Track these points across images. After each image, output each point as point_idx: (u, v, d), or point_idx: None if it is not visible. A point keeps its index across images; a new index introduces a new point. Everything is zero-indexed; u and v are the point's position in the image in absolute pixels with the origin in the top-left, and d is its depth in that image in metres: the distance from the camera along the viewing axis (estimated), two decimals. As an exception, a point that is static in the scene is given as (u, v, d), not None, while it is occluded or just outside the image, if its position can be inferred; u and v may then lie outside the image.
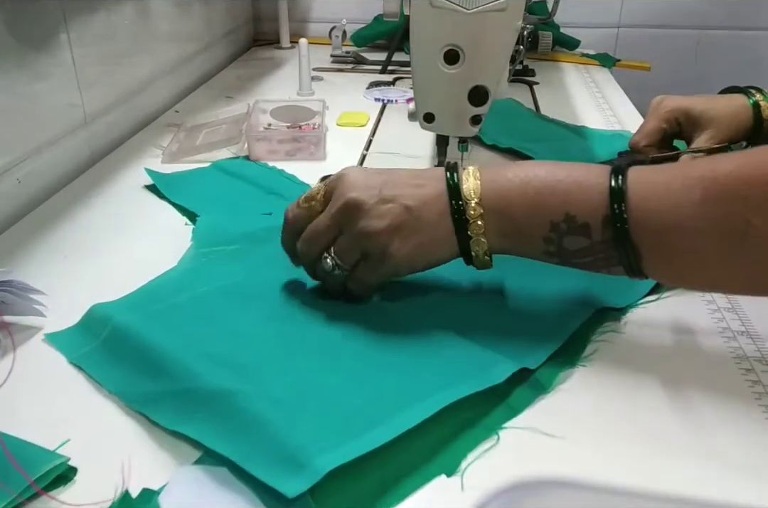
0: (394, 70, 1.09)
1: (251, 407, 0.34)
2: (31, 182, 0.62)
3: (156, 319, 0.41)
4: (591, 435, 0.37)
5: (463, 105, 0.55)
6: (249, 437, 0.33)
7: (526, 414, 0.38)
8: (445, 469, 0.34)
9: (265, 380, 0.37)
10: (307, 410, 0.35)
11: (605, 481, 0.33)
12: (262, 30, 1.32)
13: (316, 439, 0.33)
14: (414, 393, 0.36)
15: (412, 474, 0.33)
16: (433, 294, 0.46)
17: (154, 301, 0.44)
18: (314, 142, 0.73)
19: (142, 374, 0.38)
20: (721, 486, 0.33)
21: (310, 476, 0.31)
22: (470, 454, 0.35)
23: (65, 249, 0.54)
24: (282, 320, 0.43)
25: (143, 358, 0.39)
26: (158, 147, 0.75)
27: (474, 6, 0.51)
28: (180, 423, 0.35)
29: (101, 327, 0.42)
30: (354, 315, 0.43)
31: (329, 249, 0.43)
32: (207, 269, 0.49)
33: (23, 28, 0.60)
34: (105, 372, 0.39)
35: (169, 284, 0.47)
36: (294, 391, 0.36)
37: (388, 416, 0.34)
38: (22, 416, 0.37)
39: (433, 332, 0.42)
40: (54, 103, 0.65)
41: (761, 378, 0.40)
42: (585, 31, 1.25)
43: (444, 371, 0.38)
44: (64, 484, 0.33)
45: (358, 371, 0.38)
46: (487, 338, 0.42)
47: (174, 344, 0.39)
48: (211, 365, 0.37)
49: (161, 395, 0.37)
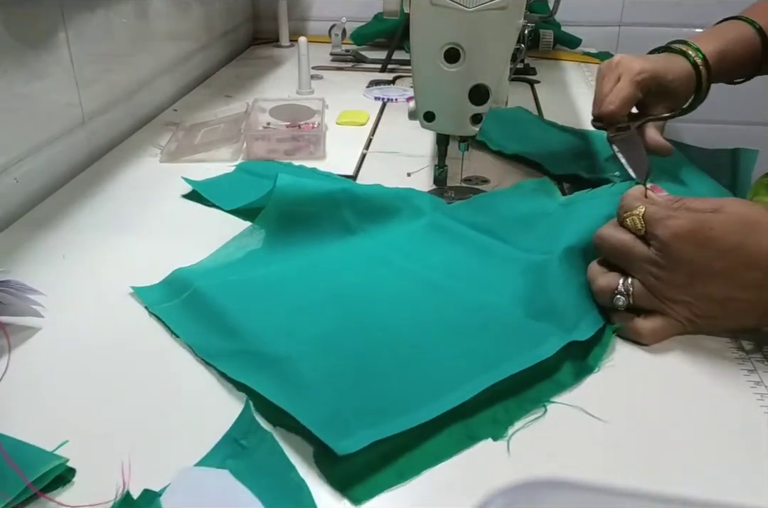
0: (394, 69, 1.08)
1: (310, 374, 0.38)
2: (29, 182, 0.62)
3: (234, 288, 0.46)
4: (591, 435, 0.37)
5: (464, 104, 0.55)
6: (304, 399, 0.36)
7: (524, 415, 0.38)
8: (493, 433, 0.36)
9: (326, 353, 0.40)
10: (362, 384, 0.37)
11: (605, 481, 0.33)
12: (261, 28, 1.31)
13: (365, 412, 0.35)
14: (465, 372, 0.38)
15: (459, 436, 0.36)
16: (485, 272, 0.49)
17: (232, 272, 0.49)
18: (313, 141, 0.73)
19: (216, 332, 0.42)
20: (721, 486, 0.33)
21: (359, 440, 0.33)
22: (517, 423, 0.37)
23: (63, 249, 0.54)
24: (344, 300, 0.46)
25: (219, 319, 0.43)
26: (157, 146, 0.75)
27: (475, 4, 0.50)
28: (244, 377, 0.38)
29: (184, 288, 0.46)
30: (407, 297, 0.46)
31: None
32: (281, 246, 0.52)
33: (21, 27, 0.59)
34: (182, 326, 0.44)
35: (247, 258, 0.51)
36: (355, 366, 0.39)
37: (436, 396, 0.36)
38: (20, 417, 0.37)
39: (486, 309, 0.44)
40: (52, 102, 0.65)
41: (763, 379, 0.40)
42: (586, 30, 1.25)
43: (494, 349, 0.40)
44: (62, 485, 0.33)
45: (413, 350, 0.41)
46: (536, 308, 0.44)
47: (247, 312, 0.43)
48: (278, 334, 0.41)
49: (231, 351, 0.40)
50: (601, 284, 0.44)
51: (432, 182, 0.64)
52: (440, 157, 0.61)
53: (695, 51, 0.63)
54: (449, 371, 0.38)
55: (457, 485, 0.33)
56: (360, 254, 0.51)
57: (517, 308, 0.44)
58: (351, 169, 0.70)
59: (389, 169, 0.70)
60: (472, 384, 0.37)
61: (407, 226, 0.55)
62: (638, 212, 0.42)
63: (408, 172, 0.69)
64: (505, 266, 0.49)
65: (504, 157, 0.73)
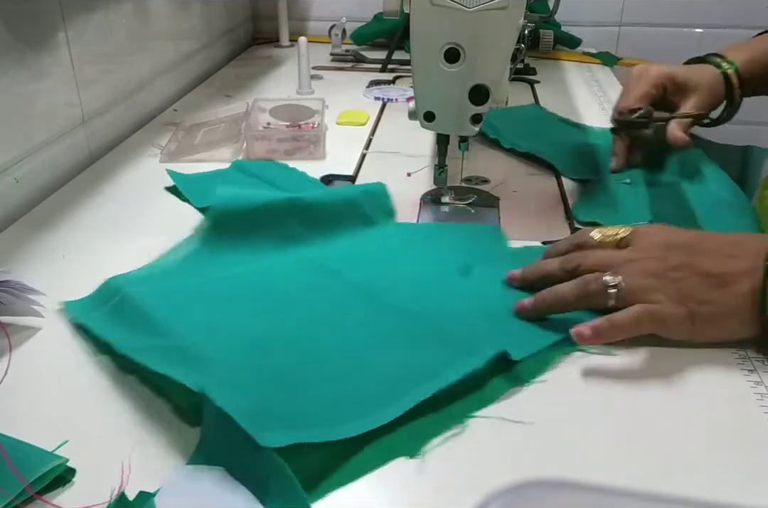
0: (394, 69, 1.08)
1: (236, 375, 0.37)
2: (29, 182, 0.62)
3: (165, 293, 0.45)
4: (591, 435, 0.37)
5: (464, 104, 0.55)
6: (229, 393, 0.35)
7: (524, 414, 0.38)
8: (410, 451, 0.35)
9: (254, 359, 0.39)
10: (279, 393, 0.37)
11: (605, 481, 0.33)
12: (261, 28, 1.31)
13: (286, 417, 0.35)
14: (393, 389, 0.37)
15: (375, 451, 0.35)
16: (433, 285, 0.47)
17: (165, 280, 0.47)
18: (314, 141, 0.73)
19: (141, 332, 0.41)
20: (721, 486, 0.33)
21: (281, 438, 0.32)
22: (435, 439, 0.36)
23: (63, 249, 0.54)
24: (278, 308, 0.44)
25: (145, 320, 0.41)
26: (157, 146, 0.75)
27: (475, 4, 0.50)
28: (169, 370, 0.37)
29: (112, 295, 0.45)
30: (343, 307, 0.45)
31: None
32: (219, 256, 0.51)
33: (21, 27, 0.59)
34: (104, 329, 0.42)
35: (182, 266, 0.50)
36: (282, 373, 0.38)
37: (361, 414, 0.36)
38: (20, 417, 0.37)
39: (423, 320, 0.43)
40: (52, 102, 0.65)
41: (763, 379, 0.40)
42: (586, 30, 1.25)
43: (427, 361, 0.39)
44: (62, 485, 0.33)
45: (344, 362, 0.40)
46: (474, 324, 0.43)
47: (177, 315, 0.42)
48: (207, 336, 0.40)
49: (155, 347, 0.39)
50: (590, 278, 0.43)
51: (432, 182, 0.64)
52: (440, 157, 0.61)
53: (728, 63, 0.64)
54: (377, 386, 0.38)
55: (457, 485, 0.33)
56: (300, 262, 0.50)
57: (455, 323, 0.43)
58: (351, 170, 0.70)
59: (389, 169, 0.70)
60: (398, 404, 0.36)
61: (352, 235, 0.54)
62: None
63: (408, 172, 0.69)
64: (445, 284, 0.48)
65: (504, 158, 0.73)
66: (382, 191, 0.59)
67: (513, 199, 0.64)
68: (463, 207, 0.63)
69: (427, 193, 0.65)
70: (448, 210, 0.63)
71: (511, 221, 0.60)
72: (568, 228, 0.59)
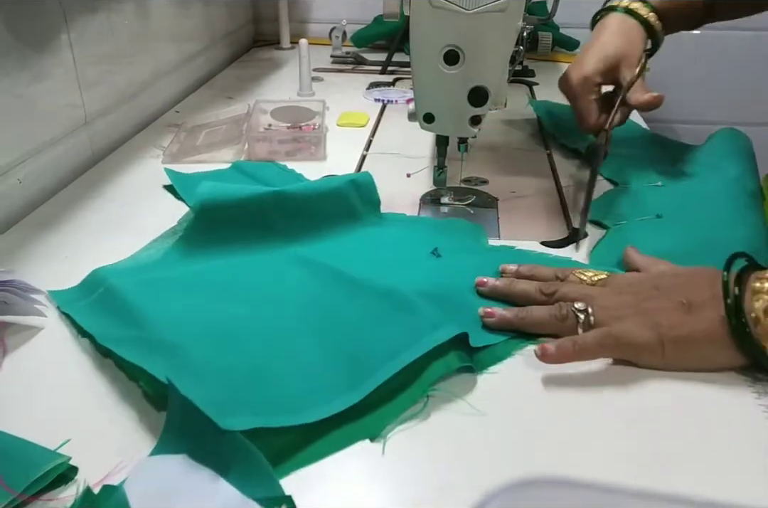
0: (394, 71, 1.09)
1: (203, 364, 0.38)
2: (31, 183, 0.62)
3: (146, 285, 0.46)
4: (591, 434, 0.37)
5: (463, 105, 0.55)
6: (193, 381, 0.36)
7: (524, 414, 0.38)
8: (370, 433, 0.36)
9: (223, 348, 0.40)
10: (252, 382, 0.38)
11: (605, 481, 0.33)
12: (262, 31, 1.32)
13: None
14: (357, 374, 0.38)
15: (336, 434, 0.36)
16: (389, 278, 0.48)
17: (148, 271, 0.49)
18: (314, 142, 0.73)
19: (118, 322, 0.42)
20: (721, 486, 0.34)
21: (243, 422, 0.33)
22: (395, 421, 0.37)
23: (66, 249, 0.55)
24: (254, 300, 0.46)
25: (124, 311, 0.43)
26: (159, 147, 0.75)
27: (474, 6, 0.51)
28: (138, 359, 0.38)
29: (97, 286, 0.46)
30: (317, 300, 0.46)
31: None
32: (202, 249, 0.52)
33: (24, 28, 0.60)
34: (87, 319, 0.44)
35: (166, 259, 0.51)
36: (250, 362, 0.39)
37: (325, 400, 0.37)
38: (22, 415, 0.38)
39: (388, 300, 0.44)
40: (54, 104, 0.66)
41: (761, 377, 0.41)
42: (585, 32, 1.24)
43: (391, 342, 0.40)
44: (65, 484, 0.33)
45: (312, 353, 0.41)
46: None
47: (153, 306, 0.43)
48: (178, 326, 0.41)
49: (129, 338, 0.41)
50: (563, 304, 0.43)
51: (431, 183, 0.65)
52: (440, 158, 0.62)
53: (645, 5, 0.65)
54: (340, 371, 0.39)
55: (457, 485, 0.33)
56: (279, 255, 0.51)
57: (419, 308, 0.44)
58: (351, 170, 0.70)
59: (389, 170, 0.70)
60: (361, 387, 0.37)
61: (334, 228, 0.55)
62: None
63: (408, 173, 0.69)
64: (414, 270, 0.49)
65: (504, 158, 0.73)
66: (368, 181, 0.58)
67: (512, 200, 0.64)
68: (462, 207, 0.63)
69: (426, 193, 0.65)
70: (448, 211, 0.63)
71: (510, 222, 0.61)
72: (566, 229, 0.59)
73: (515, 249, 0.55)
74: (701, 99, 1.33)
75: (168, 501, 0.31)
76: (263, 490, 0.31)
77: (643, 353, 0.40)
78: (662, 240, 0.53)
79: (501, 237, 0.58)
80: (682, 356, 0.40)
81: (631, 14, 0.67)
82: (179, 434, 0.34)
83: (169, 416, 0.35)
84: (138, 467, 0.33)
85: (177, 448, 0.34)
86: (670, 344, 0.40)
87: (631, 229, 0.56)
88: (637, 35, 0.66)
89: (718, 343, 0.39)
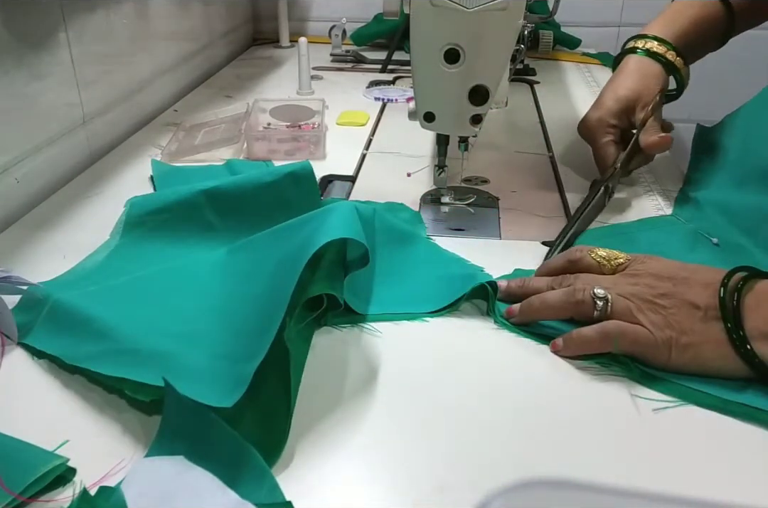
0: (394, 69, 1.08)
1: (190, 363, 0.39)
2: (29, 182, 0.62)
3: (95, 296, 0.45)
4: (591, 435, 0.37)
5: (464, 104, 0.55)
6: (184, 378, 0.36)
7: (524, 414, 0.38)
8: None
9: (198, 346, 0.41)
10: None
11: (606, 480, 0.33)
12: (261, 29, 1.31)
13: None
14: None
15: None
16: None
17: (90, 283, 0.48)
18: (314, 141, 0.73)
19: (83, 338, 0.41)
20: (722, 486, 0.33)
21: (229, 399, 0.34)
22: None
23: (64, 249, 0.54)
24: (206, 296, 0.46)
25: (85, 326, 0.42)
26: (157, 146, 0.75)
27: (474, 5, 0.50)
28: (122, 372, 0.37)
29: (41, 305, 0.44)
30: (266, 289, 0.45)
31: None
32: (140, 255, 0.52)
33: (22, 27, 0.60)
34: (46, 341, 0.42)
35: (101, 268, 0.51)
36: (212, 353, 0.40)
37: None
38: (20, 416, 0.37)
39: None
40: (53, 103, 0.65)
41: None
42: (586, 30, 1.25)
43: None
44: (63, 485, 0.33)
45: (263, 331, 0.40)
46: None
47: (113, 316, 0.42)
48: (148, 332, 0.41)
49: (102, 352, 0.40)
50: (579, 287, 0.43)
51: (432, 182, 0.64)
52: (440, 157, 0.61)
53: (665, 45, 0.64)
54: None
55: (457, 485, 0.33)
56: (222, 250, 0.51)
57: None
58: (351, 170, 0.70)
59: (389, 169, 0.70)
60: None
61: (270, 223, 0.53)
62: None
63: (408, 172, 0.69)
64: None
65: (505, 157, 0.73)
66: (307, 171, 0.57)
67: (513, 199, 0.64)
68: (462, 207, 0.63)
69: (427, 193, 0.65)
70: (448, 210, 0.63)
71: (510, 221, 0.60)
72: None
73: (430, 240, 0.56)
74: (701, 99, 1.32)
75: (165, 503, 0.31)
76: (263, 495, 0.31)
77: (649, 351, 0.40)
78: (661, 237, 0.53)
79: (502, 237, 0.58)
80: (687, 363, 0.40)
81: (649, 55, 0.66)
82: (175, 436, 0.34)
83: (165, 417, 0.35)
84: (135, 468, 0.33)
85: (173, 449, 0.33)
86: (677, 350, 0.40)
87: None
88: (653, 75, 0.65)
89: (724, 353, 0.39)
